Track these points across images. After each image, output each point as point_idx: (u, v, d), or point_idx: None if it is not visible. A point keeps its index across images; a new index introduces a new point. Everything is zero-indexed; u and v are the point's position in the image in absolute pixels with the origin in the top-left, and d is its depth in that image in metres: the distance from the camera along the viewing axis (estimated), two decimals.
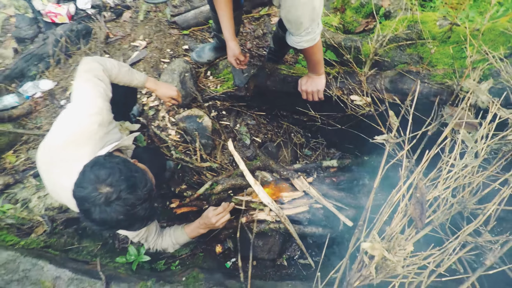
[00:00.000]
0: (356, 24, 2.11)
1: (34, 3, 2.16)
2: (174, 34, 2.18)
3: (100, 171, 0.81)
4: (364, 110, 1.23)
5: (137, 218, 0.83)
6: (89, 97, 1.06)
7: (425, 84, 1.14)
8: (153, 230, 1.27)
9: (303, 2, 0.96)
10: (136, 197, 0.81)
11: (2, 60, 2.02)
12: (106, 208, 0.78)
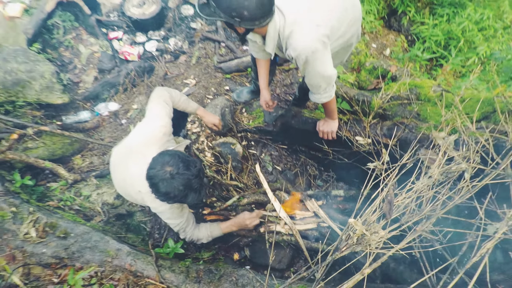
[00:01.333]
0: (369, 83, 2.55)
1: (114, 44, 2.77)
2: (218, 77, 2.69)
3: (165, 157, 1.20)
4: (365, 148, 1.59)
5: (192, 189, 1.18)
6: (160, 114, 1.49)
7: (412, 133, 1.51)
8: (191, 222, 1.60)
9: (320, 74, 1.38)
10: (190, 172, 1.17)
11: (84, 84, 2.56)
12: (170, 181, 1.15)
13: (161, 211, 1.42)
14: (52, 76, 2.20)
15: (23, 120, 2.05)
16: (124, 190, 1.52)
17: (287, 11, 1.29)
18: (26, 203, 1.59)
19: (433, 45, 2.81)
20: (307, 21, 1.29)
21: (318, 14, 1.31)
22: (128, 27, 2.90)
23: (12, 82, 2.06)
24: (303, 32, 1.28)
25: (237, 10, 1.17)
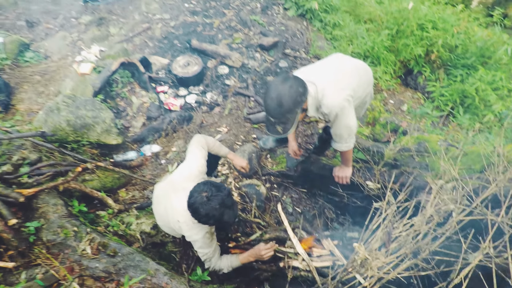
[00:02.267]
0: (382, 136, 2.81)
1: (161, 96, 3.27)
2: (247, 126, 3.07)
3: (200, 186, 1.49)
4: (375, 192, 1.80)
5: (226, 207, 1.45)
6: (197, 157, 1.82)
7: (416, 180, 1.72)
8: (217, 253, 1.81)
9: (345, 126, 1.69)
10: (222, 193, 1.45)
11: (133, 129, 3.01)
12: (207, 203, 1.42)
13: (195, 239, 1.66)
14: (111, 122, 2.65)
15: (84, 156, 2.46)
16: (164, 220, 1.80)
17: (317, 81, 1.63)
18: (84, 225, 1.90)
19: (441, 104, 3.08)
20: (334, 86, 1.63)
21: (342, 81, 1.66)
22: (173, 83, 3.43)
23: (81, 125, 2.52)
24: (333, 94, 1.61)
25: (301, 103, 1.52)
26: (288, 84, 1.47)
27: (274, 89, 1.49)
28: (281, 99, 1.46)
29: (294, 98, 1.47)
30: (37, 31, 4.52)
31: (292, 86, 1.47)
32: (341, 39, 4.57)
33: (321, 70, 1.70)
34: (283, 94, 1.46)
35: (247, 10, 4.69)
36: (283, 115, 1.51)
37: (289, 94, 1.46)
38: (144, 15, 4.58)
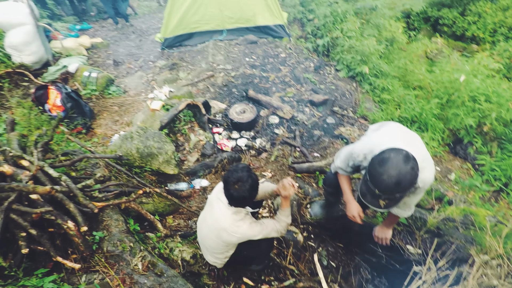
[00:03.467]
0: (426, 202, 2.79)
1: (215, 136, 3.62)
2: (291, 174, 3.24)
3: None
4: (415, 257, 1.80)
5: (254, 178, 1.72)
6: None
7: (460, 252, 1.70)
8: (271, 223, 1.95)
9: (419, 198, 1.73)
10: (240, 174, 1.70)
11: (187, 163, 3.34)
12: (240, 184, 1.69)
13: (248, 233, 1.82)
14: (172, 154, 2.99)
15: (145, 181, 2.78)
16: (210, 241, 1.95)
17: (415, 153, 1.54)
18: (138, 243, 2.12)
19: (492, 179, 3.00)
20: (429, 161, 1.65)
21: (428, 156, 1.68)
22: (228, 126, 3.79)
23: (147, 153, 2.88)
24: (430, 170, 1.63)
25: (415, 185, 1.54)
26: (410, 165, 1.41)
27: (395, 167, 1.42)
28: (400, 179, 1.41)
29: (412, 180, 1.43)
30: (120, 69, 5.35)
31: (414, 168, 1.42)
32: (389, 102, 4.74)
33: (409, 140, 1.68)
34: (404, 174, 1.40)
35: (301, 68, 5.13)
36: (395, 193, 1.46)
37: (410, 176, 1.41)
38: (210, 64, 5.21)
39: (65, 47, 5.26)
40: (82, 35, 6.40)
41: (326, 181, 2.37)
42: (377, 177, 1.46)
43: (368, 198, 1.56)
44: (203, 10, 5.65)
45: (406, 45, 6.92)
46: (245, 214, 1.87)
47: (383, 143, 1.62)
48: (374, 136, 1.80)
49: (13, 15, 4.27)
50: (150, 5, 9.42)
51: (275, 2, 5.83)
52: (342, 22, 5.74)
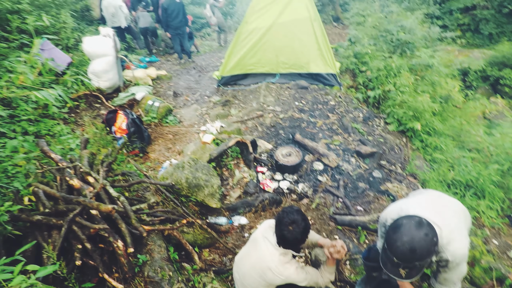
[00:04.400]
0: (483, 281, 2.51)
1: (259, 175, 3.69)
2: (331, 225, 3.15)
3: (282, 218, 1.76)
4: None
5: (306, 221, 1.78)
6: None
7: None
8: (315, 273, 1.95)
9: (461, 272, 1.61)
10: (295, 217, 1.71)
11: (229, 198, 3.42)
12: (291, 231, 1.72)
13: (294, 278, 1.81)
14: (217, 188, 3.11)
15: (189, 211, 2.89)
16: (251, 274, 1.92)
17: (442, 224, 1.54)
18: (177, 272, 2.17)
19: None
20: (459, 233, 1.57)
21: (462, 227, 1.63)
22: (272, 166, 3.86)
23: (194, 184, 3.02)
24: (461, 242, 1.55)
25: (434, 253, 1.47)
26: (424, 231, 1.41)
27: (407, 232, 1.42)
28: (414, 246, 1.39)
29: (428, 247, 1.40)
30: (178, 101, 5.81)
31: (428, 234, 1.41)
32: (442, 163, 4.50)
33: (439, 210, 1.64)
34: (417, 240, 1.39)
35: (349, 118, 5.15)
36: (413, 261, 1.43)
37: (424, 242, 1.39)
38: (260, 105, 5.46)
39: (135, 76, 5.90)
40: (150, 67, 7.15)
41: (370, 253, 2.24)
42: (392, 244, 1.46)
43: (389, 267, 1.53)
44: (261, 54, 6.06)
45: (462, 104, 6.66)
46: (291, 257, 1.87)
47: (407, 210, 1.62)
48: (403, 201, 1.78)
49: (100, 47, 4.96)
50: (211, 45, 10.31)
51: (330, 52, 6.08)
52: (395, 76, 5.76)
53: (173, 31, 7.26)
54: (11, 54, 4.33)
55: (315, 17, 5.93)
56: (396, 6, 9.96)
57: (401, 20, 7.70)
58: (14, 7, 4.93)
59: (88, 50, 4.95)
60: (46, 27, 5.03)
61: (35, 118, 3.73)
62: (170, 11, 6.92)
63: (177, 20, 7.09)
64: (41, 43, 4.92)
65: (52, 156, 2.61)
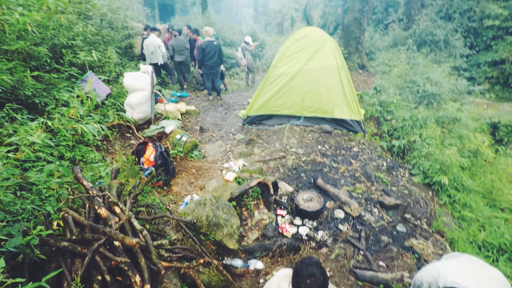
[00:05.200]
0: None
1: (278, 218, 3.65)
2: (350, 280, 3.00)
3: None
4: None
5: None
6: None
7: None
8: None
9: None
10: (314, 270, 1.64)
11: (247, 240, 3.37)
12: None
13: None
14: (236, 228, 3.09)
15: (206, 250, 2.87)
16: None
17: None
18: None
19: None
20: None
21: None
22: (291, 210, 3.81)
23: (214, 223, 3.03)
24: None
25: None
26: None
27: None
28: None
29: None
30: (204, 136, 6.00)
31: None
32: (472, 221, 4.27)
33: (479, 280, 1.56)
34: None
35: (373, 166, 5.09)
36: None
37: None
38: (283, 146, 5.54)
39: (166, 110, 6.23)
40: (180, 101, 7.54)
41: None
42: None
43: None
44: (287, 97, 6.27)
45: (492, 159, 6.42)
46: None
47: (444, 275, 1.53)
48: (440, 265, 1.67)
49: (139, 82, 5.34)
50: (239, 84, 10.79)
51: (355, 99, 6.19)
52: (421, 127, 5.72)
53: (208, 70, 7.72)
54: (60, 83, 4.75)
55: (342, 65, 6.15)
56: (422, 58, 10.14)
57: (427, 72, 7.80)
58: (69, 43, 5.48)
59: (127, 84, 5.34)
60: (93, 61, 5.52)
61: (72, 144, 3.97)
62: (207, 52, 7.43)
63: (212, 60, 7.56)
64: (87, 75, 5.39)
65: (84, 183, 2.74)
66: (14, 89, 3.95)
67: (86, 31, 6.32)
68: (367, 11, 11.35)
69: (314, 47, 6.11)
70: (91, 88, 3.73)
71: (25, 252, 2.07)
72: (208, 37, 7.50)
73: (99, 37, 6.92)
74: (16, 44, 4.09)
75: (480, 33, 12.57)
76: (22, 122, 3.59)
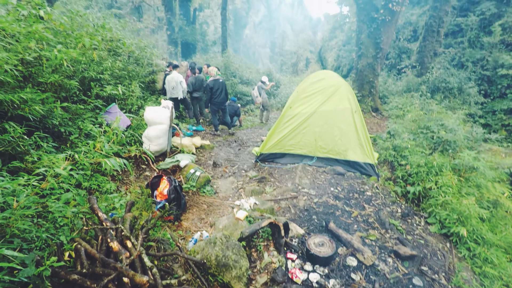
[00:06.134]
0: None
1: (288, 262, 3.54)
2: None
3: None
4: None
5: None
6: None
7: None
8: None
9: None
10: None
11: (255, 283, 3.26)
12: None
13: None
14: (245, 271, 3.01)
15: None
16: None
17: None
18: None
19: None
20: None
21: None
22: (302, 254, 3.70)
23: (223, 264, 2.97)
24: None
25: None
26: None
27: None
28: None
29: None
30: (217, 171, 6.06)
31: None
32: (494, 279, 4.00)
33: None
34: None
35: (387, 211, 4.96)
36: None
37: None
38: (295, 186, 5.51)
39: (182, 144, 6.39)
40: (196, 135, 7.73)
41: None
42: None
43: None
44: (300, 137, 6.36)
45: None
46: None
47: None
48: None
49: (159, 116, 5.57)
50: (253, 121, 11.04)
51: (369, 142, 6.22)
52: (437, 175, 5.62)
53: (216, 107, 8.25)
54: (85, 114, 5.01)
55: (356, 108, 6.27)
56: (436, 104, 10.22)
57: (441, 119, 7.82)
58: (98, 76, 5.86)
59: (148, 117, 5.57)
60: (118, 94, 5.84)
61: (90, 174, 4.08)
62: (215, 90, 8.03)
63: (220, 97, 8.16)
64: (110, 106, 5.67)
65: (99, 214, 2.79)
66: (43, 117, 4.18)
67: (114, 66, 6.76)
68: (381, 57, 11.74)
69: (329, 90, 6.30)
70: (118, 125, 3.91)
71: (36, 282, 2.07)
72: (212, 77, 8.06)
73: (125, 72, 7.36)
74: (51, 77, 4.40)
75: (494, 81, 12.72)
76: (47, 150, 3.76)
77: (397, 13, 11.15)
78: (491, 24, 14.00)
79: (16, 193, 2.47)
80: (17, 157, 3.47)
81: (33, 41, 4.17)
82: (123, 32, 9.13)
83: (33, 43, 4.14)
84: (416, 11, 19.25)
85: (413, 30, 18.85)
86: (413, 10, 19.70)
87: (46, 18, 5.00)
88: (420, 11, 18.92)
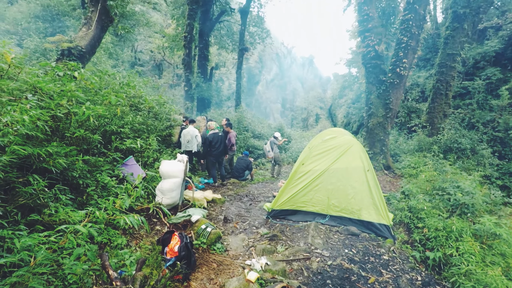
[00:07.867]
0: None
1: None
2: None
3: None
4: None
5: None
6: None
7: None
8: None
9: None
10: None
11: None
12: None
13: None
14: None
15: None
16: None
17: None
18: None
19: None
20: None
21: None
22: None
23: None
24: None
25: None
26: None
27: None
28: None
29: None
30: (227, 227, 5.96)
31: None
32: None
33: None
34: None
35: (406, 279, 4.66)
36: None
37: None
38: (308, 245, 5.31)
39: (194, 197, 6.41)
40: (207, 189, 7.76)
41: None
42: None
43: None
44: (313, 194, 6.32)
45: None
46: None
47: None
48: None
49: (174, 170, 5.71)
50: (265, 175, 11.09)
51: (383, 202, 6.10)
52: (457, 240, 5.35)
53: (215, 159, 8.61)
54: (104, 166, 5.19)
55: (369, 167, 6.29)
56: (450, 165, 10.14)
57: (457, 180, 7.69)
58: (118, 130, 6.18)
59: (163, 171, 5.71)
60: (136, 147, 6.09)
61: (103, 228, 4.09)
62: (214, 143, 8.49)
63: (219, 150, 8.57)
64: (128, 159, 5.87)
65: (110, 272, 2.74)
66: (64, 170, 4.35)
67: (135, 120, 7.16)
68: (391, 117, 12.06)
69: (341, 148, 6.41)
70: (139, 183, 4.03)
71: None
72: (212, 130, 8.55)
73: (144, 126, 7.75)
74: (77, 132, 4.68)
75: (507, 143, 12.69)
76: (64, 202, 3.84)
77: (404, 76, 11.74)
78: (498, 88, 14.47)
79: (33, 249, 2.49)
80: (35, 210, 3.55)
81: (65, 99, 4.54)
82: (145, 89, 9.85)
83: (64, 101, 4.50)
84: (423, 74, 20.21)
85: (420, 91, 19.58)
86: (419, 73, 20.70)
87: (79, 78, 5.49)
88: (426, 74, 19.86)
